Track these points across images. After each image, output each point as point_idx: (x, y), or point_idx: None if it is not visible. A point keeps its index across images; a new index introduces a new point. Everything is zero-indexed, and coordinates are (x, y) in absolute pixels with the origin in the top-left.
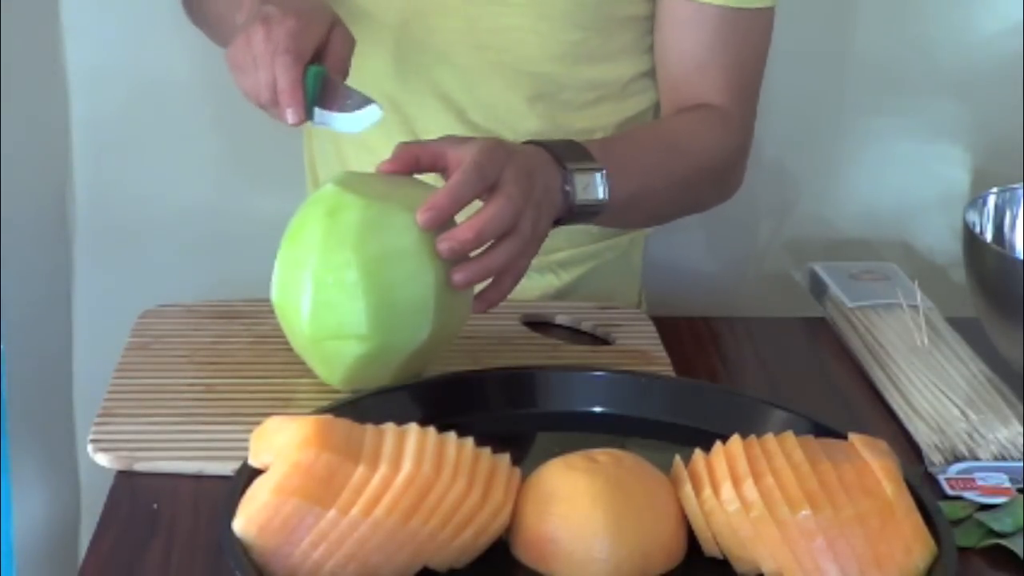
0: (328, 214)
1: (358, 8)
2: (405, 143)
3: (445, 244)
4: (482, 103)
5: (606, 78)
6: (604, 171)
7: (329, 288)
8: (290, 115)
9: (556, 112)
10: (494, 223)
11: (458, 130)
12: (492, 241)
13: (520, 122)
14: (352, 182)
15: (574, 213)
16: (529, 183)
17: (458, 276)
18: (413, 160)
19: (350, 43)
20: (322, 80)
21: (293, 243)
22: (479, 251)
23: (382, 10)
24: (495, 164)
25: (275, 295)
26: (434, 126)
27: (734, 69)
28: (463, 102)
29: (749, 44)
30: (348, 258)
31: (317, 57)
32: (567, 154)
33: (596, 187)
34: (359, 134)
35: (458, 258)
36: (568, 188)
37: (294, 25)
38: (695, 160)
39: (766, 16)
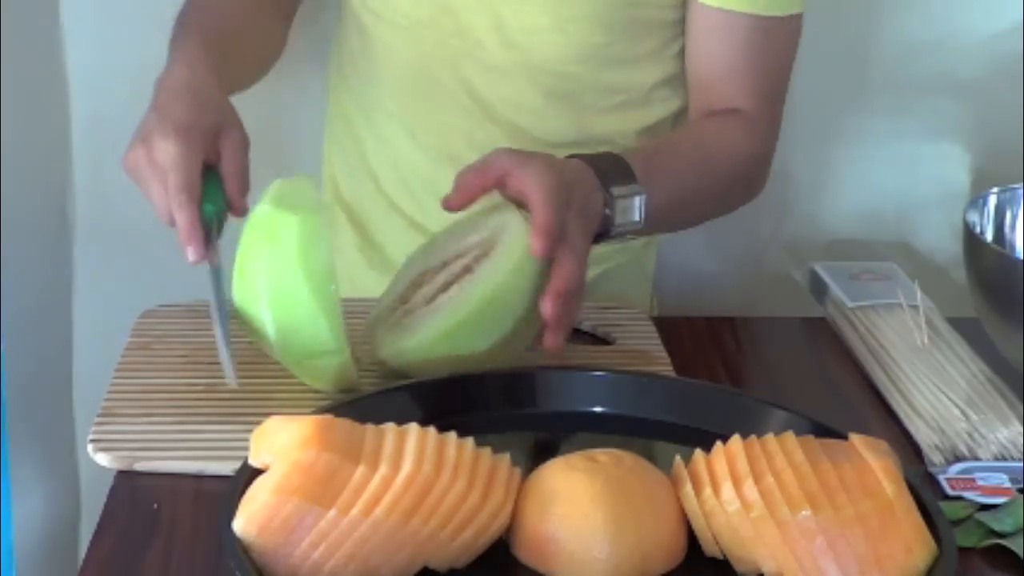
0: (268, 239)
1: (388, 2)
2: (464, 172)
3: (551, 314)
4: (506, 101)
5: (629, 83)
6: (644, 195)
7: (287, 314)
8: (190, 254)
9: (578, 114)
10: (572, 283)
11: (481, 125)
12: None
13: (542, 122)
14: (285, 196)
15: (608, 236)
16: (586, 226)
17: (552, 343)
18: (479, 192)
19: (243, 147)
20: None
21: (243, 277)
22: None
23: (413, 4)
24: (562, 210)
25: (245, 328)
26: (456, 119)
27: (763, 75)
28: (488, 98)
29: (777, 50)
30: (297, 280)
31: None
32: (612, 175)
33: (634, 211)
34: (380, 127)
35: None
36: (608, 212)
37: (175, 152)
38: (726, 167)
39: (795, 22)
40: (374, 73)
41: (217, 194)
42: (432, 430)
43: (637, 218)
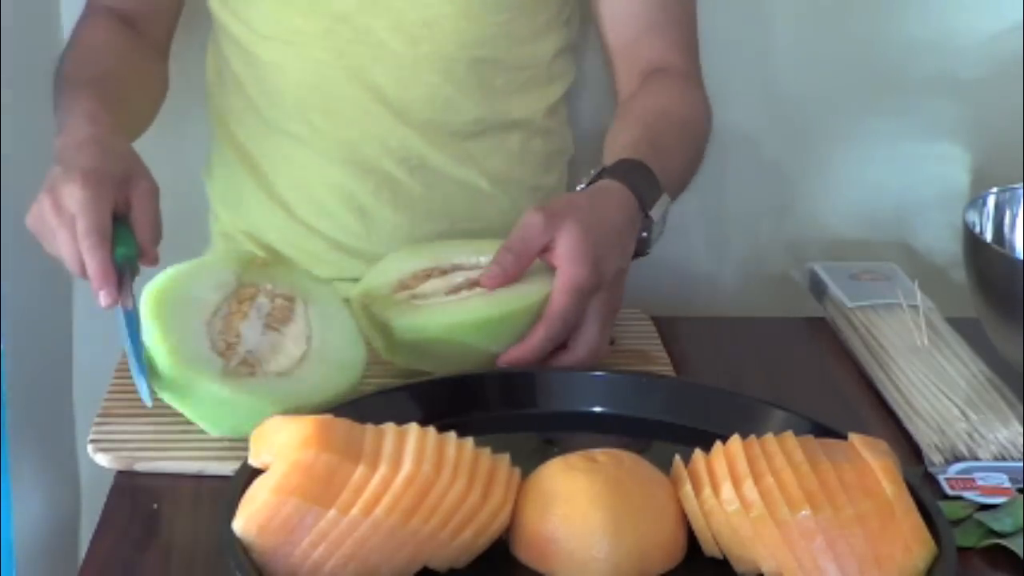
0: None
1: (287, 16)
2: (503, 253)
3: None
4: (417, 98)
5: (533, 58)
6: (668, 201)
7: (193, 404)
8: (102, 298)
9: (490, 100)
10: (571, 364)
11: (394, 129)
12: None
13: (456, 114)
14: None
15: (642, 254)
16: (611, 302)
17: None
18: (522, 271)
19: (153, 196)
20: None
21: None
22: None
23: (309, 17)
24: (584, 301)
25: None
26: (368, 128)
27: (683, 24)
28: (398, 100)
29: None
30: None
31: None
32: (648, 194)
33: (663, 220)
34: (284, 151)
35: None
36: (645, 235)
37: (82, 196)
38: (698, 129)
39: None
40: (269, 98)
41: (128, 240)
42: (432, 430)
43: (663, 224)
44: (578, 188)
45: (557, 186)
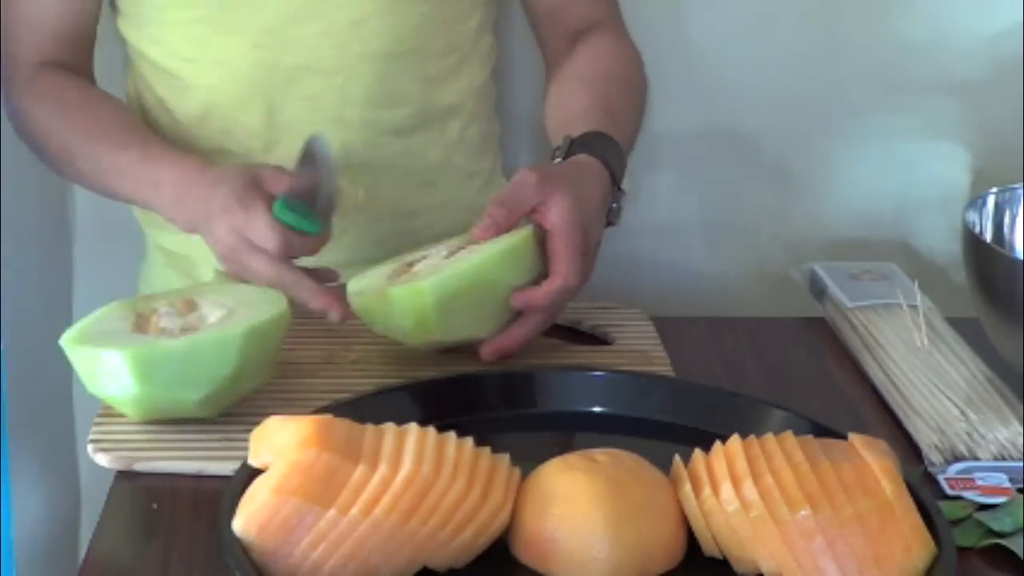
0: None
1: (210, 37)
2: (494, 205)
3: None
4: (355, 101)
5: (461, 37)
6: (630, 170)
7: (170, 379)
8: (334, 314)
9: (426, 90)
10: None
11: (335, 136)
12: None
13: (395, 110)
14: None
15: (610, 225)
16: (588, 266)
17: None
18: (512, 226)
19: (279, 173)
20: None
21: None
22: None
23: (234, 35)
24: (572, 294)
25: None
26: (309, 131)
27: None
28: (337, 107)
29: None
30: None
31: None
32: (618, 166)
33: (625, 187)
34: (220, 142)
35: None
36: (615, 205)
37: (266, 264)
38: (639, 88)
39: None
40: (201, 120)
41: (303, 216)
42: (432, 430)
43: (627, 191)
44: (554, 161)
45: (492, 169)
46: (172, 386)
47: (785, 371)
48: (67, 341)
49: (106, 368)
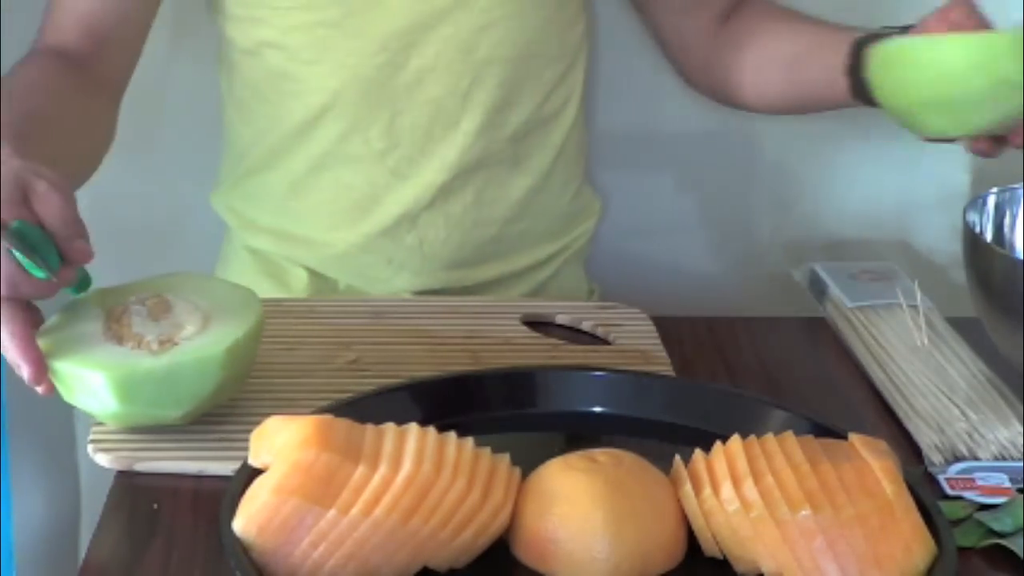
0: None
1: (335, 41)
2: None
3: None
4: (475, 106)
5: (571, 44)
6: None
7: (147, 399)
8: (32, 383)
9: (540, 95)
10: None
11: (453, 140)
12: None
13: (512, 114)
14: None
15: None
16: None
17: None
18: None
19: (50, 194)
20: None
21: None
22: None
23: (360, 39)
24: None
25: None
26: (427, 139)
27: None
28: (457, 110)
29: None
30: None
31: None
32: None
33: None
34: (332, 146)
35: None
36: None
37: None
38: None
39: None
40: (317, 122)
41: (50, 250)
42: (432, 430)
43: None
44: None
45: (583, 178)
46: (153, 405)
47: (785, 371)
48: (43, 346)
49: (85, 385)
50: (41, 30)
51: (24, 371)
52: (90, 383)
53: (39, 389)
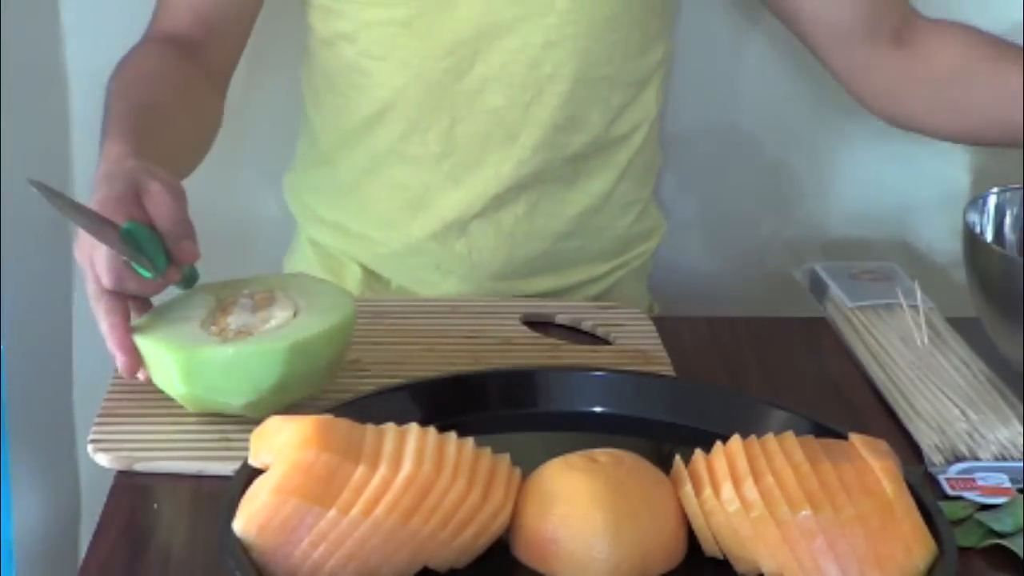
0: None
1: (405, 40)
2: None
3: None
4: (537, 122)
5: (644, 69)
6: None
7: (208, 380)
8: (121, 368)
9: (606, 118)
10: None
11: (510, 153)
12: None
13: (574, 135)
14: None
15: None
16: None
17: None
18: None
19: (162, 195)
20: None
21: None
22: None
23: (428, 40)
24: None
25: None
26: (485, 149)
27: None
28: (517, 124)
29: None
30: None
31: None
32: None
33: None
34: (394, 144)
35: None
36: None
37: (92, 255)
38: None
39: None
40: (381, 118)
41: (158, 250)
42: (432, 430)
43: None
44: None
45: (649, 199)
46: (215, 390)
47: (785, 371)
48: (138, 323)
49: (160, 364)
50: (154, 16)
51: (118, 361)
52: (162, 362)
53: (139, 376)
